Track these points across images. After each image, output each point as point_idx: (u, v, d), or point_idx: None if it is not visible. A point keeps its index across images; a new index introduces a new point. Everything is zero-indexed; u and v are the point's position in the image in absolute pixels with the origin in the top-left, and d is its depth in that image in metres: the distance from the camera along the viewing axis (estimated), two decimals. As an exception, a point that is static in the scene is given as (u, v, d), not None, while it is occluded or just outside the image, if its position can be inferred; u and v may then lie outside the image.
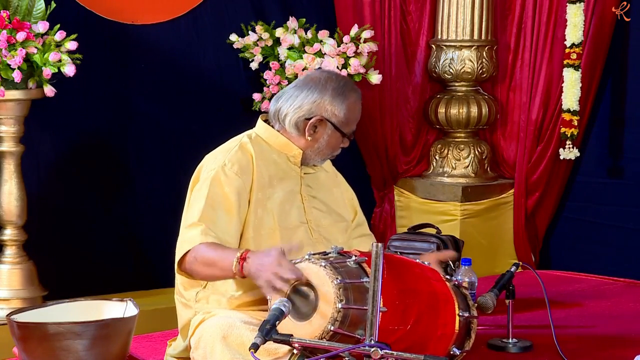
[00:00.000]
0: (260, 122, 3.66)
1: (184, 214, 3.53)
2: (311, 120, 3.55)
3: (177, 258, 3.42)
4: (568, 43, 5.66)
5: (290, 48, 5.56)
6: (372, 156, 6.04)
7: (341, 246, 3.32)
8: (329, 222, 3.67)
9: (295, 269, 3.14)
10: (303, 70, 5.46)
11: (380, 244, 2.85)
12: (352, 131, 3.63)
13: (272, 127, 3.63)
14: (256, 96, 5.60)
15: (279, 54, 5.57)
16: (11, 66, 4.60)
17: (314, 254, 3.23)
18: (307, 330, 3.08)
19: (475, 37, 5.92)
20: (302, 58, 5.50)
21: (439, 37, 5.98)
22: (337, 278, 3.09)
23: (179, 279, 3.57)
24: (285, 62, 5.54)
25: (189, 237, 3.40)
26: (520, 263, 3.96)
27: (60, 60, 4.65)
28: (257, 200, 3.51)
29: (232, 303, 3.49)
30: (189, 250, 3.38)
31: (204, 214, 3.42)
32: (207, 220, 3.41)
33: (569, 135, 5.70)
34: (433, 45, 6.02)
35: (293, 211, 3.57)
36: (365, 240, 3.81)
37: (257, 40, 5.60)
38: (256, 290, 3.38)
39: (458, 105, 5.96)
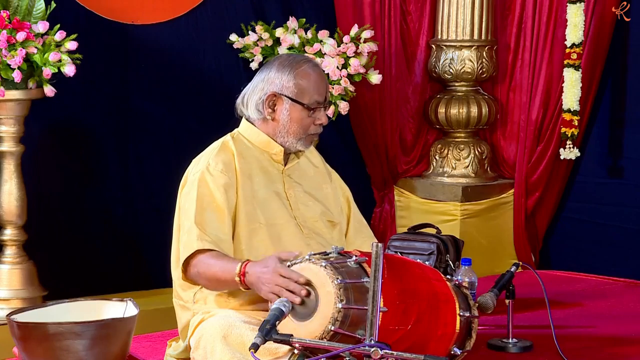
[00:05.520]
0: (243, 120, 3.66)
1: (175, 219, 3.54)
2: (264, 99, 3.54)
3: (180, 264, 3.42)
4: (568, 43, 5.66)
5: (290, 48, 5.56)
6: (372, 156, 6.03)
7: (341, 246, 3.32)
8: (318, 217, 3.64)
9: (295, 275, 3.13)
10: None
11: (380, 244, 2.85)
12: (315, 101, 3.51)
13: (253, 124, 3.62)
14: (256, 96, 5.60)
15: (279, 54, 5.57)
16: (11, 66, 4.60)
17: (314, 254, 3.23)
18: (308, 330, 3.07)
19: (475, 37, 5.92)
20: (302, 58, 5.50)
21: (439, 37, 5.98)
22: (337, 278, 3.09)
23: (175, 281, 3.56)
24: (285, 62, 5.53)
25: (186, 243, 3.41)
26: (520, 263, 3.96)
27: (60, 60, 4.65)
28: (244, 197, 3.50)
29: (223, 303, 3.49)
30: (191, 259, 3.38)
31: (197, 217, 3.42)
32: (201, 223, 3.41)
33: (569, 135, 5.70)
34: (433, 45, 6.02)
35: (279, 209, 3.55)
36: (368, 243, 3.79)
37: (257, 40, 5.60)
38: (242, 293, 3.40)
39: (458, 105, 5.96)
